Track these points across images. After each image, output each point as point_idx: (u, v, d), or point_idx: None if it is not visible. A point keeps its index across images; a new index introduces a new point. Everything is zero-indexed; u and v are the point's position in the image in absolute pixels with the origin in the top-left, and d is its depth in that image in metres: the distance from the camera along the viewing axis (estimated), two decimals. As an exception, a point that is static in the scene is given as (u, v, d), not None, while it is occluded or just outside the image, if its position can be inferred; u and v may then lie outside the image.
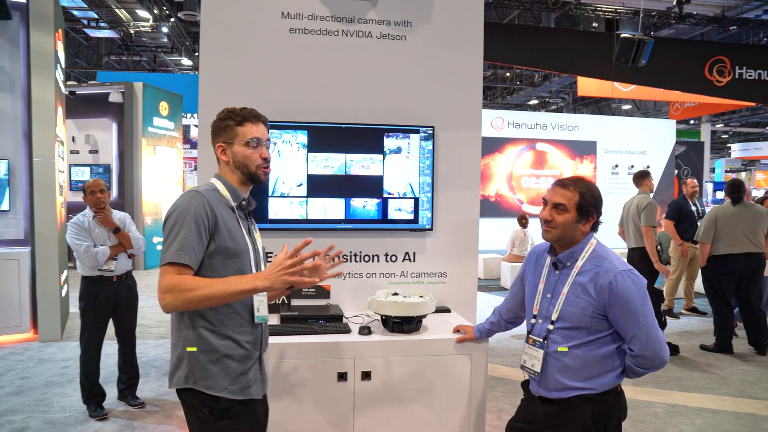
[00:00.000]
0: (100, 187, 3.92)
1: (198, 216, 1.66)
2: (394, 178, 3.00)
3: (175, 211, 1.67)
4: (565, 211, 1.94)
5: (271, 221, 2.91)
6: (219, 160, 1.85)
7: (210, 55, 2.89)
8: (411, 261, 3.11)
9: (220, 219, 1.71)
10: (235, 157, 1.81)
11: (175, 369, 1.75)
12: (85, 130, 10.47)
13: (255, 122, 1.82)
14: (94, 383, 3.88)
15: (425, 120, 3.05)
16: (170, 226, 1.67)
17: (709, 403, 4.17)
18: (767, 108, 21.46)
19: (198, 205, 1.67)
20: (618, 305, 1.85)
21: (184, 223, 1.64)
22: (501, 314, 2.39)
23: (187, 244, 1.63)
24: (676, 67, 10.66)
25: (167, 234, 1.66)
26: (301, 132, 2.91)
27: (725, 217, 5.40)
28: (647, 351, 1.85)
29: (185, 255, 1.63)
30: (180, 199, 1.71)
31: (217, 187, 1.81)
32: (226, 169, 1.84)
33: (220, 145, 1.82)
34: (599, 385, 1.91)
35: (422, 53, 3.06)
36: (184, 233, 1.63)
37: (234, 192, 1.82)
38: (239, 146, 1.80)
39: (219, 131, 1.83)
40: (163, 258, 1.64)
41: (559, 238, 1.97)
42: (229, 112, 1.83)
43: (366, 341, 2.49)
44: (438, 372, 2.53)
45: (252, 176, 1.83)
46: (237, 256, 1.74)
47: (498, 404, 4.09)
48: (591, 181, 2.00)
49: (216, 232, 1.70)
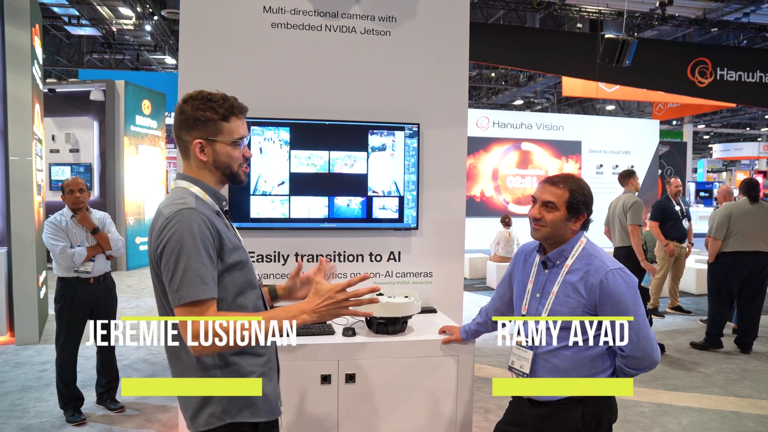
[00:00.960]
0: (79, 186, 3.80)
1: (204, 237, 1.43)
2: (379, 177, 2.95)
3: (174, 237, 1.41)
4: (554, 209, 1.90)
5: (252, 220, 2.84)
6: (191, 157, 1.58)
7: (189, 50, 2.81)
8: (396, 261, 3.06)
9: (222, 233, 1.50)
10: (218, 157, 1.56)
11: (201, 408, 1.51)
12: (66, 129, 10.26)
13: (240, 116, 1.59)
14: (71, 387, 3.77)
15: (410, 117, 3.00)
16: (173, 256, 1.41)
17: (695, 402, 4.17)
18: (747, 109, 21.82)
19: (199, 224, 1.43)
20: (609, 304, 1.81)
21: (191, 250, 1.40)
22: (488, 314, 2.35)
23: (205, 274, 1.41)
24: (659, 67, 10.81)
25: (173, 267, 1.40)
26: (283, 129, 2.84)
27: (740, 215, 5.35)
28: (638, 351, 1.81)
29: (207, 288, 1.41)
30: (173, 220, 1.44)
31: (196, 194, 1.55)
32: (202, 168, 1.58)
33: (199, 141, 1.53)
34: None
35: (407, 49, 3.01)
36: (196, 261, 1.40)
37: (215, 195, 1.60)
38: (224, 145, 1.56)
39: (196, 124, 1.54)
40: (179, 297, 1.40)
41: (548, 236, 1.93)
42: (208, 101, 1.54)
43: (350, 343, 2.43)
44: (424, 374, 2.48)
45: (234, 176, 1.62)
46: (244, 267, 1.57)
47: (485, 405, 4.06)
48: (581, 179, 1.96)
49: (222, 250, 1.50)
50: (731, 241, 5.35)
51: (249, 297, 1.59)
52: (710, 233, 5.45)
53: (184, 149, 1.58)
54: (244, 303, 1.57)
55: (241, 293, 1.56)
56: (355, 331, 2.53)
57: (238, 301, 1.55)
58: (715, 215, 5.48)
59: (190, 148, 1.56)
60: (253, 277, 1.64)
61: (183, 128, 1.56)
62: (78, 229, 3.78)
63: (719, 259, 5.45)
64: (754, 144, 25.72)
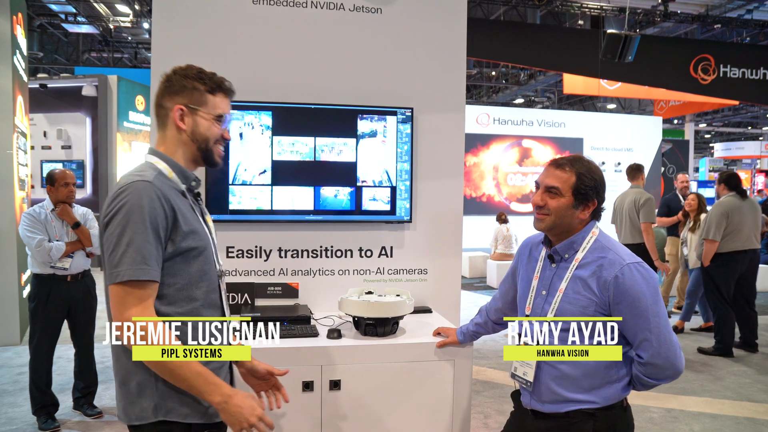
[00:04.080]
0: (72, 179, 3.63)
1: (154, 214, 1.34)
2: (369, 165, 2.72)
3: (123, 209, 1.32)
4: (559, 195, 1.67)
5: (232, 212, 2.61)
6: (168, 126, 1.50)
7: (164, 28, 2.59)
8: (388, 256, 2.83)
9: (178, 214, 1.40)
10: (197, 128, 1.48)
11: (135, 399, 1.40)
12: (58, 125, 10.06)
13: (227, 96, 1.54)
14: (45, 392, 3.55)
15: (403, 101, 2.77)
16: (118, 229, 1.31)
17: (707, 407, 3.94)
18: (749, 108, 21.62)
19: (152, 199, 1.34)
20: (625, 303, 1.58)
21: (138, 225, 1.31)
22: (488, 314, 2.12)
23: (149, 253, 1.32)
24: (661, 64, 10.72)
25: (115, 240, 1.31)
26: (265, 113, 2.62)
27: (734, 212, 5.06)
28: (659, 358, 1.57)
29: (149, 269, 1.32)
30: (125, 191, 1.34)
31: (161, 170, 1.46)
32: (176, 140, 1.49)
33: (180, 108, 1.46)
34: (602, 397, 1.64)
35: (400, 28, 2.78)
36: (141, 238, 1.31)
37: (182, 172, 1.50)
38: (205, 118, 1.49)
39: (182, 90, 1.47)
40: (117, 273, 1.30)
41: (552, 226, 1.69)
42: (198, 72, 1.49)
43: (335, 346, 2.21)
44: (417, 380, 2.25)
45: (208, 153, 1.52)
46: (200, 255, 1.45)
47: (484, 410, 3.84)
48: (591, 161, 1.72)
49: (175, 232, 1.39)
50: (727, 242, 5.07)
51: (201, 288, 1.46)
52: (707, 235, 5.08)
53: (163, 117, 1.50)
54: (194, 294, 1.44)
55: (192, 283, 1.44)
56: (341, 332, 2.30)
57: (188, 292, 1.43)
58: (711, 216, 5.14)
59: (170, 115, 1.48)
60: (211, 268, 1.50)
61: (166, 94, 1.49)
62: (58, 223, 3.58)
63: (715, 261, 5.13)
64: (755, 143, 25.53)
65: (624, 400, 1.69)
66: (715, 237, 5.05)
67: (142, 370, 1.38)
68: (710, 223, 5.10)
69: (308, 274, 2.76)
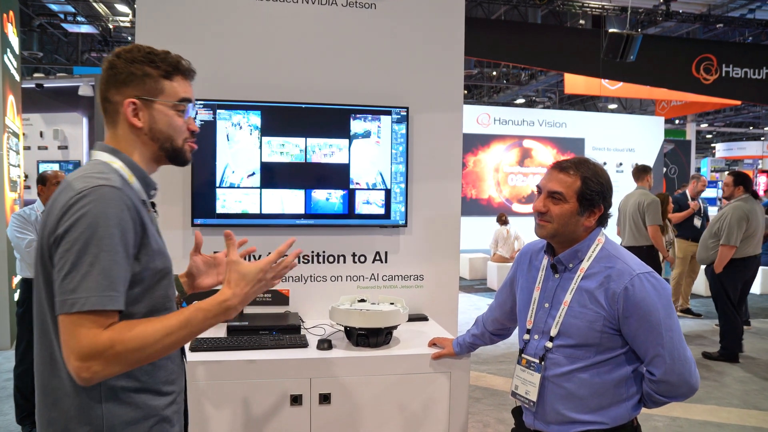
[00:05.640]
0: None
1: (124, 228, 1.09)
2: (362, 167, 2.61)
3: (84, 219, 1.06)
4: (562, 200, 1.55)
5: (218, 216, 2.50)
6: (119, 124, 1.24)
7: (147, 23, 2.47)
8: (382, 262, 2.72)
9: (148, 229, 1.17)
10: (156, 124, 1.24)
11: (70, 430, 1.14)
12: (54, 125, 9.94)
13: (186, 78, 1.29)
14: (30, 400, 3.41)
15: (398, 100, 2.65)
16: (78, 245, 1.05)
17: (713, 416, 3.82)
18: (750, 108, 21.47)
19: (121, 209, 1.10)
20: (636, 317, 1.46)
21: (104, 241, 1.06)
22: (485, 325, 2.01)
23: (117, 277, 1.07)
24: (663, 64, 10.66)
25: (74, 259, 1.05)
26: (253, 113, 2.50)
27: (752, 216, 4.84)
28: (672, 376, 1.46)
29: (117, 296, 1.07)
30: (87, 198, 1.08)
31: (122, 173, 1.20)
32: (132, 140, 1.24)
33: (132, 101, 1.21)
34: (611, 418, 1.52)
35: (394, 23, 2.66)
36: (108, 257, 1.05)
37: (144, 178, 1.26)
38: (164, 109, 1.24)
39: (130, 80, 1.22)
40: (74, 301, 1.03)
41: (555, 234, 1.58)
42: (149, 53, 1.23)
43: (325, 357, 2.10)
44: (411, 393, 2.14)
45: (177, 152, 1.28)
46: (165, 278, 1.23)
47: (483, 418, 3.73)
48: (597, 164, 1.60)
49: (144, 250, 1.15)
50: (742, 246, 4.87)
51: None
52: (729, 241, 4.82)
53: (112, 114, 1.24)
54: None
55: (154, 311, 1.19)
56: (332, 343, 2.19)
57: None
58: (731, 221, 4.85)
59: (120, 111, 1.23)
60: (172, 293, 1.29)
61: (112, 86, 1.22)
62: None
63: (728, 267, 4.91)
64: (757, 143, 25.41)
65: (634, 420, 1.58)
66: (736, 242, 4.82)
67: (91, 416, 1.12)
68: (731, 227, 4.83)
69: (299, 281, 2.65)
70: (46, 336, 1.16)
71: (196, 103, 2.42)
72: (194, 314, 1.14)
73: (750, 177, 5.20)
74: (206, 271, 1.51)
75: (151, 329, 1.09)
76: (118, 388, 1.14)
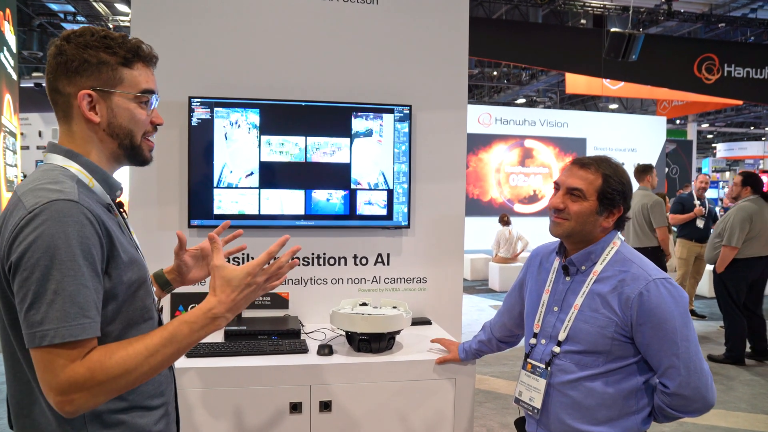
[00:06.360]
0: None
1: (86, 244, 0.98)
2: (364, 166, 2.54)
3: (39, 243, 0.95)
4: (582, 198, 1.48)
5: (216, 217, 2.43)
6: (74, 119, 1.10)
7: (143, 19, 2.41)
8: (384, 264, 2.65)
9: (115, 239, 1.05)
10: (115, 118, 1.11)
11: None
12: (53, 125, 9.93)
13: (149, 66, 1.16)
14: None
15: (401, 97, 2.58)
16: (39, 272, 0.94)
17: (720, 421, 3.75)
18: (751, 108, 21.41)
19: (81, 225, 0.98)
20: (649, 325, 1.39)
21: (66, 264, 0.95)
22: (492, 331, 1.94)
23: (87, 301, 0.97)
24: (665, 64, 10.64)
25: (36, 288, 0.94)
26: (252, 111, 2.44)
27: (756, 217, 4.79)
28: (687, 389, 1.39)
29: (89, 323, 0.97)
30: (40, 216, 0.97)
31: (80, 178, 1.08)
32: (88, 137, 1.11)
33: (88, 93, 1.08)
34: (620, 430, 1.45)
35: (397, 19, 2.59)
36: (73, 282, 0.95)
37: (105, 179, 1.13)
38: (124, 100, 1.11)
39: (84, 68, 1.07)
40: (44, 334, 0.94)
41: (571, 233, 1.51)
42: (103, 38, 1.08)
43: (326, 363, 2.03)
44: (414, 400, 2.07)
45: (135, 150, 1.15)
46: (141, 288, 1.12)
47: (486, 422, 3.66)
48: (618, 164, 1.53)
49: (113, 264, 1.05)
50: (745, 247, 4.82)
51: (144, 329, 1.12)
52: (730, 241, 4.80)
53: (64, 108, 1.10)
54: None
55: (132, 325, 1.10)
56: (333, 349, 2.12)
57: (128, 337, 1.09)
58: (733, 221, 4.83)
59: (74, 104, 1.09)
60: (151, 303, 1.17)
61: (63, 75, 1.08)
62: None
63: (730, 267, 4.89)
64: (758, 143, 25.37)
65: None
66: (738, 243, 4.78)
67: None
68: (733, 228, 4.81)
69: (299, 283, 2.58)
70: (16, 364, 1.06)
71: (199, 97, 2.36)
72: (178, 328, 1.05)
73: (760, 179, 5.12)
74: (195, 265, 1.45)
75: (133, 352, 1.00)
76: (103, 411, 1.07)
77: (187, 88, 2.39)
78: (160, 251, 2.40)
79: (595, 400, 1.46)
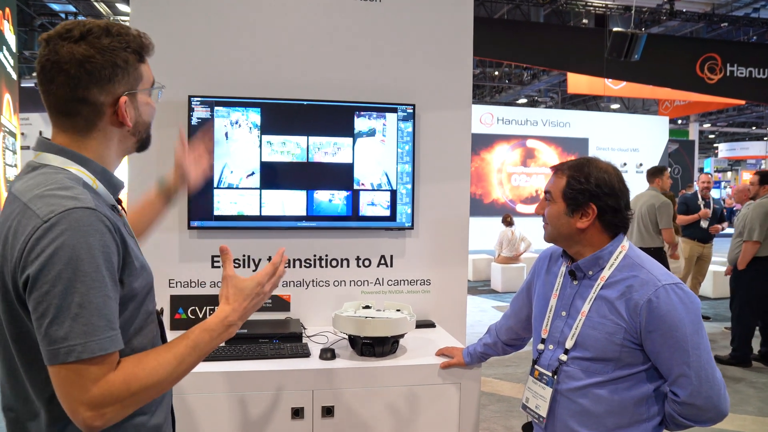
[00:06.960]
0: None
1: (108, 254, 0.95)
2: (367, 167, 2.50)
3: (61, 254, 0.90)
4: (551, 201, 1.51)
5: (217, 218, 2.39)
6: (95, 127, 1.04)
7: (142, 17, 2.37)
8: (388, 266, 2.61)
9: (129, 246, 1.02)
10: (141, 117, 1.10)
11: None
12: (53, 125, 9.90)
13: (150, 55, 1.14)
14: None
15: (404, 96, 2.54)
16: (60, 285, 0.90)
17: (728, 425, 3.71)
18: (753, 108, 21.35)
19: (102, 234, 0.94)
20: (659, 332, 1.35)
21: (90, 276, 0.91)
22: (498, 334, 1.90)
23: (112, 313, 0.95)
24: (667, 63, 10.62)
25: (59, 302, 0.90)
26: (252, 110, 2.40)
27: None
28: (699, 398, 1.34)
29: (115, 335, 0.94)
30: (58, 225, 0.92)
31: (86, 180, 1.02)
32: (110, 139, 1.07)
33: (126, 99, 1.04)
34: None
35: (401, 16, 2.55)
36: (99, 294, 0.92)
37: (109, 180, 1.08)
38: (144, 96, 1.10)
39: (116, 73, 1.02)
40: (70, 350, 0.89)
41: (553, 237, 1.53)
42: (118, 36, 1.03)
43: (328, 368, 1.99)
44: (418, 406, 2.03)
45: (147, 140, 1.16)
46: (148, 294, 1.11)
47: (490, 425, 3.62)
48: (599, 163, 1.51)
49: (127, 270, 1.02)
50: (765, 245, 4.74)
51: (147, 334, 1.12)
52: (750, 237, 4.73)
53: (90, 116, 1.02)
54: (141, 344, 1.09)
55: (137, 331, 1.09)
56: (336, 353, 2.08)
57: (134, 343, 1.07)
58: (753, 216, 4.76)
59: (106, 112, 1.03)
60: (154, 307, 1.17)
61: (94, 85, 1.00)
62: None
63: (753, 266, 4.79)
64: (760, 143, 25.34)
65: (653, 442, 1.46)
66: (759, 237, 4.71)
67: None
68: (753, 223, 4.75)
69: (301, 286, 2.54)
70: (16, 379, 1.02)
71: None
72: (200, 336, 1.07)
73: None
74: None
75: (163, 361, 1.01)
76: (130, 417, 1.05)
77: (187, 87, 2.36)
78: (160, 252, 2.37)
79: (604, 408, 1.42)
